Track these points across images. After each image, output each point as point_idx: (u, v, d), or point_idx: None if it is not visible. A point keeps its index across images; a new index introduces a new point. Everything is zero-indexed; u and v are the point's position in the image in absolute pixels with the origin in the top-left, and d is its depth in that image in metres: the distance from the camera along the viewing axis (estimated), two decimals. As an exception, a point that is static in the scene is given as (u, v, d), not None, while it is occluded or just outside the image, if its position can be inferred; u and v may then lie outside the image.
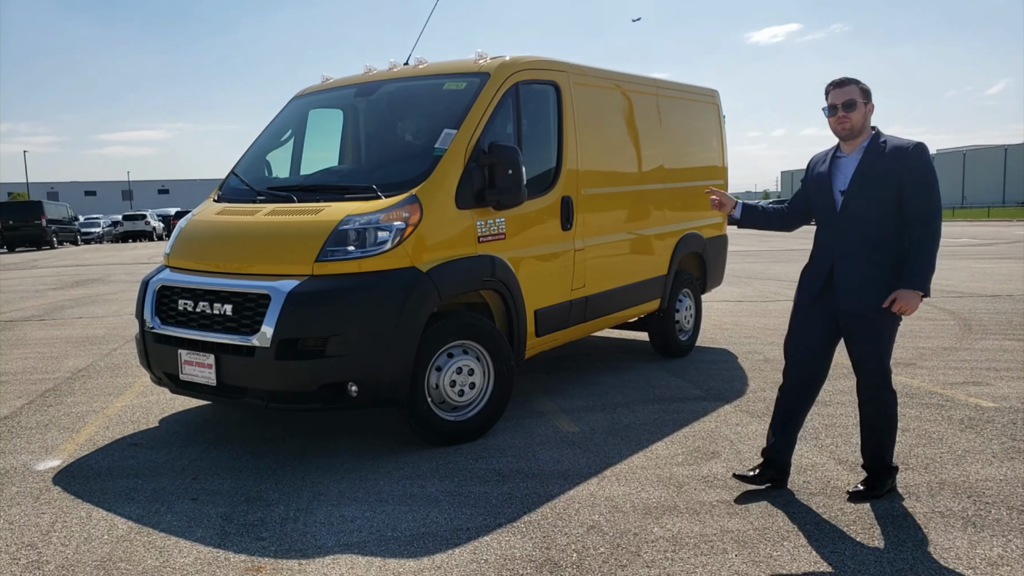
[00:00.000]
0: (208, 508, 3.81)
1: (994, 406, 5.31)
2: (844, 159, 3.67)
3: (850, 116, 3.57)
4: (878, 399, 3.72)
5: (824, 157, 3.80)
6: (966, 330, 8.31)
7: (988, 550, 3.19)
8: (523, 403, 5.60)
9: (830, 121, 3.65)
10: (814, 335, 3.79)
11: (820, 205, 3.76)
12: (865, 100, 3.59)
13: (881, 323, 3.61)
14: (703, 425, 5.02)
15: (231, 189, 5.45)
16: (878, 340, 3.64)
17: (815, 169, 3.83)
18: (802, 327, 3.84)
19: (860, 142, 3.62)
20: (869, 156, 3.57)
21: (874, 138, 3.60)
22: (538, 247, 5.28)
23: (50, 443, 4.92)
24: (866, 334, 3.63)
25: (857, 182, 3.57)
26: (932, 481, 3.96)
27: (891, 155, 3.51)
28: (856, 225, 3.57)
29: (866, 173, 3.55)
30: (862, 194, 3.56)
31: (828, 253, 3.69)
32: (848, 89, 3.58)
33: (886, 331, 3.65)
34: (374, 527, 3.55)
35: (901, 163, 3.49)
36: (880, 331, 3.63)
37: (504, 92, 5.08)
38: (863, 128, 3.61)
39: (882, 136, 3.61)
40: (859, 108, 3.57)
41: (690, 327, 7.38)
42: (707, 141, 7.70)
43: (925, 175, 3.50)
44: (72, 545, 3.42)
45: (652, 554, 3.22)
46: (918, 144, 3.52)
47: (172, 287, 4.74)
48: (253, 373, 4.27)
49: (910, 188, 3.48)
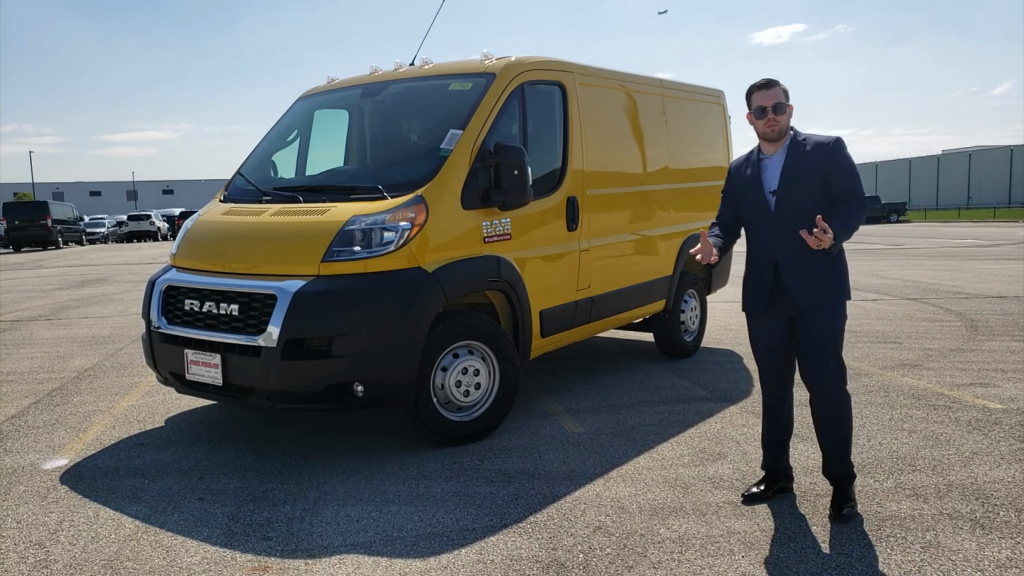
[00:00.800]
0: (214, 508, 3.82)
1: (1002, 407, 5.29)
2: (768, 160, 3.65)
3: (779, 119, 3.56)
4: (838, 398, 3.62)
5: (745, 163, 3.77)
6: (973, 331, 8.29)
7: (997, 552, 3.18)
8: (528, 404, 5.60)
9: (757, 124, 3.61)
10: (776, 337, 3.71)
11: (752, 209, 3.70)
12: (787, 101, 3.60)
13: (836, 315, 3.59)
14: (709, 426, 5.01)
15: (237, 189, 5.46)
16: (835, 333, 3.59)
17: (739, 174, 3.78)
18: (762, 333, 3.76)
19: (783, 142, 3.62)
20: (794, 153, 3.56)
21: (795, 137, 3.61)
22: (543, 248, 5.28)
23: (57, 442, 4.93)
24: (824, 327, 3.56)
25: (787, 179, 3.56)
26: (940, 483, 3.94)
27: (814, 150, 3.53)
28: (793, 222, 3.50)
29: (794, 169, 3.54)
30: (794, 190, 3.54)
31: (768, 255, 3.64)
32: (775, 91, 3.56)
33: (839, 323, 3.61)
34: (380, 527, 3.55)
35: (824, 156, 3.51)
36: (835, 323, 3.59)
37: (510, 93, 5.08)
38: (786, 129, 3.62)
39: (801, 134, 3.62)
40: (787, 110, 3.58)
41: (695, 328, 7.37)
42: (712, 141, 7.69)
43: (849, 164, 3.53)
44: (79, 544, 3.43)
45: (658, 555, 3.22)
46: (837, 138, 3.56)
47: (178, 287, 4.75)
48: (259, 373, 4.28)
49: (836, 176, 3.51)
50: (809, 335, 3.59)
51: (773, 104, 3.54)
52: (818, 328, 3.57)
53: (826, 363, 3.58)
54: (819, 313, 3.55)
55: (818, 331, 3.57)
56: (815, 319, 3.56)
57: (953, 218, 55.53)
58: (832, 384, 3.60)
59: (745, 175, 3.73)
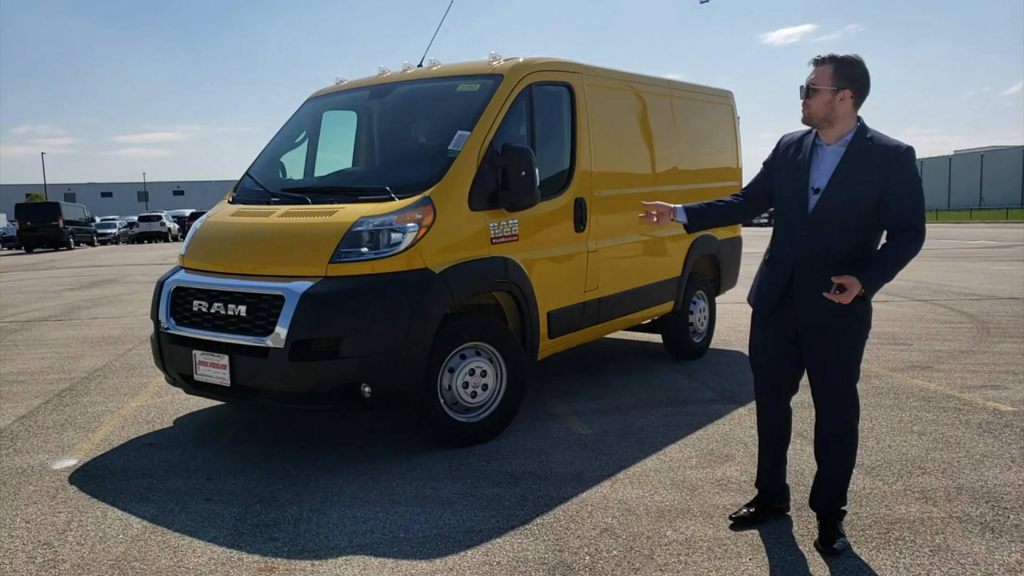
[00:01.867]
0: (222, 508, 3.83)
1: (1012, 410, 5.25)
2: (824, 151, 3.15)
3: (808, 103, 3.10)
4: (844, 435, 3.24)
5: (799, 142, 3.26)
6: (984, 333, 8.23)
7: (1007, 556, 3.15)
8: (536, 405, 5.59)
9: None
10: (774, 348, 3.35)
11: (788, 200, 3.24)
12: (837, 87, 3.03)
13: (847, 343, 3.16)
14: (717, 428, 4.99)
15: (246, 191, 5.48)
16: (845, 360, 3.18)
17: (786, 154, 3.29)
18: (763, 338, 3.40)
19: (842, 134, 3.11)
20: (856, 151, 3.07)
21: (860, 132, 3.10)
22: (551, 249, 5.27)
23: (66, 442, 4.96)
24: (831, 353, 3.17)
25: (838, 182, 3.08)
26: (949, 486, 3.91)
27: (878, 156, 3.04)
28: (826, 231, 3.09)
29: (849, 173, 3.06)
30: (842, 196, 3.07)
31: (789, 258, 3.22)
32: (819, 70, 3.07)
33: (850, 352, 3.17)
34: (387, 528, 3.55)
35: (888, 165, 3.02)
36: (845, 352, 3.16)
37: (518, 94, 5.08)
38: (832, 118, 3.09)
39: (869, 131, 3.10)
40: (822, 95, 3.06)
41: (704, 329, 7.35)
42: (721, 142, 7.67)
43: (914, 183, 3.04)
44: (87, 544, 3.45)
45: (665, 557, 3.21)
46: (908, 148, 3.05)
47: (187, 288, 4.76)
48: (267, 374, 4.29)
49: (895, 194, 3.02)
50: (815, 361, 3.22)
51: (807, 84, 3.09)
52: (825, 355, 3.18)
53: (832, 396, 3.22)
54: (828, 338, 3.16)
55: (825, 358, 3.19)
56: (823, 344, 3.17)
57: (965, 219, 55.18)
58: (841, 412, 3.23)
59: (794, 158, 3.23)
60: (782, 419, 3.50)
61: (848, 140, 3.09)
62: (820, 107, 3.07)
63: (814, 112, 3.09)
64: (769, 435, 3.53)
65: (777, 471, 3.57)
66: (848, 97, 3.05)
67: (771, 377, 3.42)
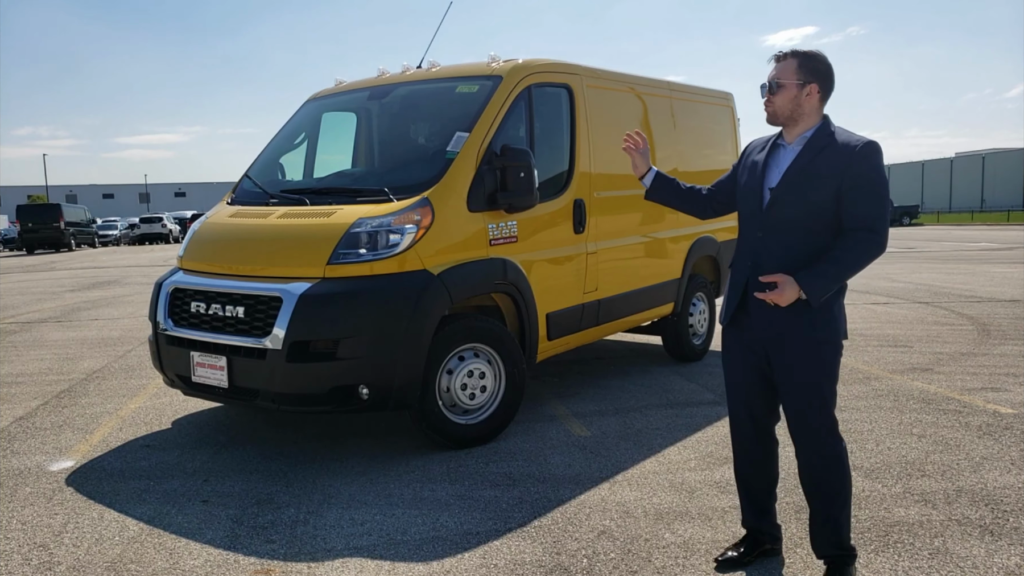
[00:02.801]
0: (219, 510, 3.82)
1: (1013, 412, 5.23)
2: (783, 149, 2.98)
3: (773, 99, 2.91)
4: (825, 456, 2.93)
5: (763, 144, 3.09)
6: (984, 335, 8.21)
7: (1006, 559, 3.13)
8: (534, 407, 5.58)
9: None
10: (745, 359, 3.06)
11: (745, 200, 3.07)
12: (803, 81, 2.86)
13: (815, 359, 2.86)
14: (716, 430, 4.98)
15: (244, 192, 5.47)
16: (812, 381, 2.87)
17: (750, 156, 3.13)
18: (729, 350, 3.14)
19: (802, 131, 2.92)
20: (811, 149, 2.87)
21: (820, 129, 2.90)
22: (550, 250, 5.26)
23: (64, 444, 4.95)
24: (800, 372, 2.88)
25: (790, 180, 2.88)
26: (949, 488, 3.90)
27: (835, 153, 2.82)
28: (782, 231, 2.89)
29: (802, 170, 2.86)
30: (793, 195, 2.87)
31: (746, 260, 3.00)
32: (782, 65, 2.90)
33: (819, 369, 2.87)
34: (384, 530, 3.54)
35: (846, 162, 2.79)
36: (814, 368, 2.87)
37: (517, 95, 5.07)
38: (798, 115, 2.90)
39: (831, 127, 2.91)
40: (787, 91, 2.88)
41: (704, 331, 7.34)
42: (721, 144, 7.66)
43: (873, 180, 2.79)
44: (84, 546, 3.44)
45: (663, 560, 3.19)
46: (870, 143, 2.80)
47: (185, 289, 4.76)
48: (265, 375, 4.28)
49: (851, 194, 2.79)
50: (780, 381, 2.94)
51: (770, 80, 2.92)
52: (793, 371, 2.89)
53: (806, 418, 2.91)
54: (793, 352, 2.87)
55: (792, 375, 2.90)
56: (788, 358, 2.89)
57: (966, 221, 55.14)
58: (815, 442, 2.93)
59: (754, 158, 3.09)
60: (757, 450, 3.13)
61: (808, 136, 2.91)
62: (785, 103, 2.89)
63: (779, 109, 2.92)
64: (743, 471, 3.19)
65: (765, 512, 3.19)
66: (815, 92, 2.87)
67: (740, 397, 3.11)
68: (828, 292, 2.80)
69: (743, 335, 3.04)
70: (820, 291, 2.78)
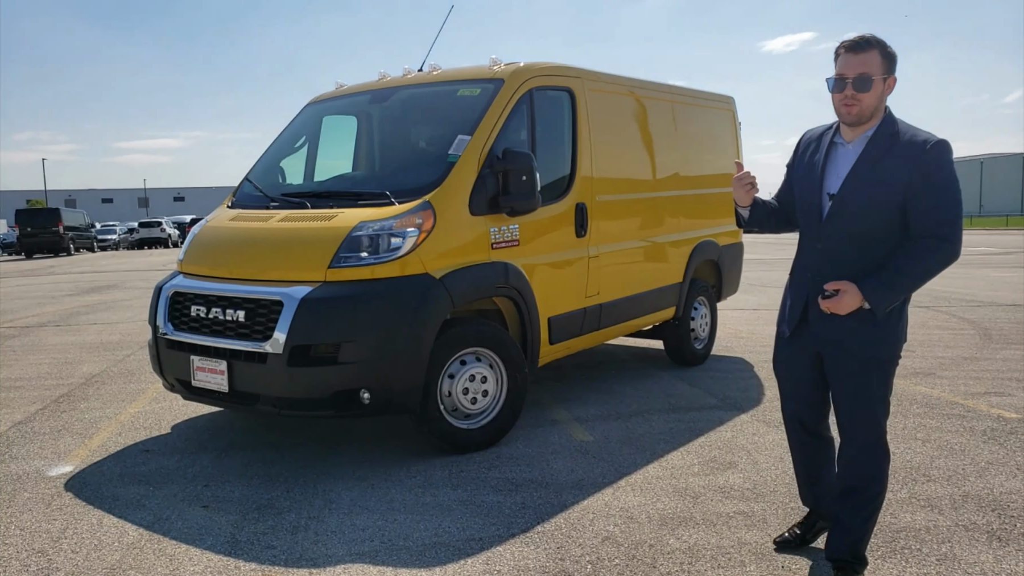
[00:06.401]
0: (219, 515, 3.79)
1: (1017, 417, 5.21)
2: (843, 149, 2.76)
3: (861, 97, 2.62)
4: (867, 464, 2.86)
5: (818, 140, 2.87)
6: (986, 339, 8.19)
7: (1014, 565, 3.11)
8: (536, 411, 5.55)
9: (834, 97, 2.68)
10: (800, 367, 3.00)
11: (803, 207, 2.88)
12: (886, 73, 2.62)
13: (872, 366, 2.77)
14: (719, 435, 4.95)
15: (245, 195, 5.45)
16: (867, 388, 2.78)
17: (804, 154, 2.91)
18: (788, 360, 3.06)
19: (866, 129, 2.70)
20: (876, 148, 2.65)
21: (883, 126, 2.68)
22: (552, 254, 5.24)
23: (63, 449, 4.92)
24: (853, 377, 2.80)
25: (852, 185, 2.68)
26: (955, 493, 3.87)
27: (901, 154, 2.61)
28: (844, 243, 2.72)
29: (869, 171, 2.65)
30: (857, 200, 2.68)
31: (805, 272, 2.88)
32: (865, 56, 2.60)
33: (877, 374, 2.78)
34: (386, 536, 3.51)
35: (913, 166, 2.59)
36: (870, 375, 2.78)
37: (518, 98, 5.06)
38: (875, 111, 2.67)
39: (896, 123, 2.68)
40: (875, 87, 2.61)
41: (705, 335, 7.31)
42: (723, 147, 7.64)
43: (946, 181, 2.59)
44: (82, 552, 3.40)
45: (668, 566, 3.16)
46: (940, 142, 2.60)
47: (185, 293, 4.73)
48: (265, 380, 4.25)
49: (921, 197, 2.60)
50: (836, 381, 2.86)
51: (856, 75, 2.60)
52: (848, 376, 2.80)
53: (855, 428, 2.84)
54: (851, 359, 2.78)
55: (847, 379, 2.81)
56: (846, 364, 2.79)
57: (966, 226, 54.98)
58: (861, 451, 2.86)
59: (811, 158, 2.84)
60: (811, 446, 3.16)
61: (869, 135, 2.69)
62: (874, 101, 2.63)
63: (867, 108, 2.64)
64: (800, 460, 3.23)
65: (824, 491, 3.18)
66: (893, 85, 2.64)
67: (792, 407, 3.13)
68: (893, 304, 2.70)
69: (802, 347, 2.95)
70: (885, 303, 2.67)
